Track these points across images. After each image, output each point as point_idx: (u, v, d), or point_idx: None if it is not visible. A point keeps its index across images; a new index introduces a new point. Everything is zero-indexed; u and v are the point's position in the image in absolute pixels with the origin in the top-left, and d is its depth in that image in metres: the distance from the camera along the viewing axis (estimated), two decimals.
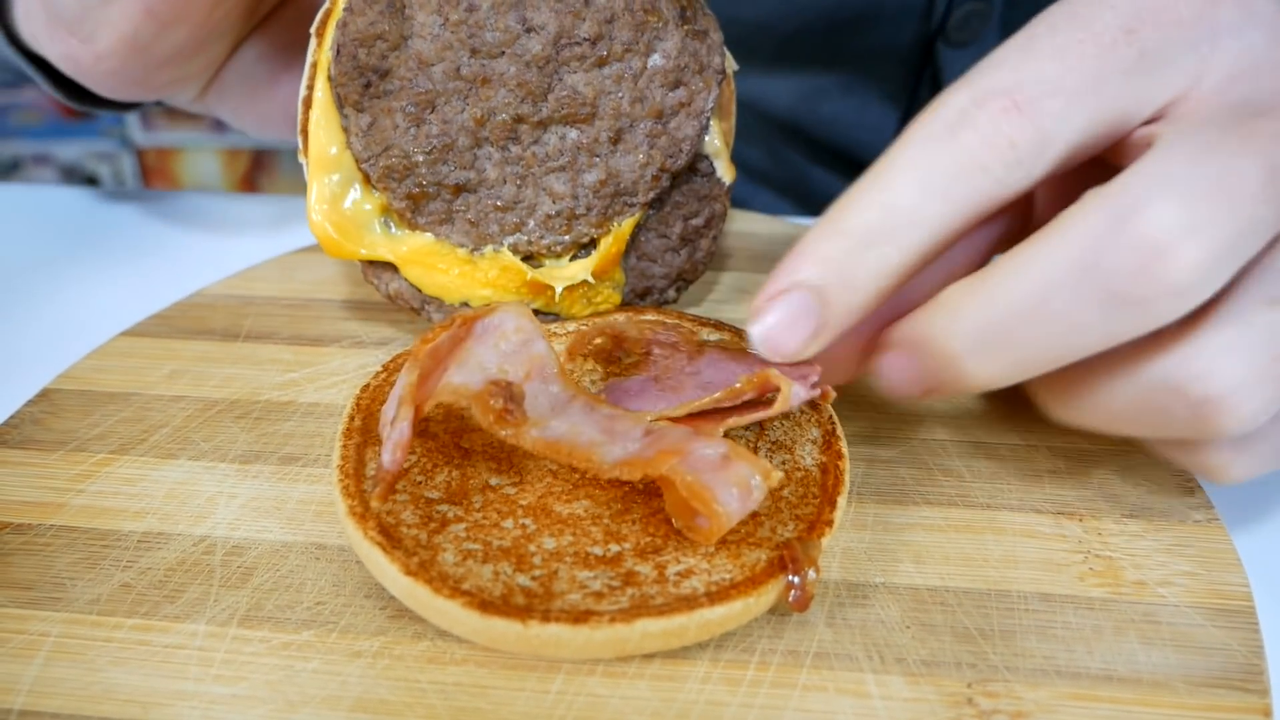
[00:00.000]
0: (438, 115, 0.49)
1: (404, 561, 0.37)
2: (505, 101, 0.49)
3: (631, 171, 0.50)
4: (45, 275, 0.67)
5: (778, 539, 0.39)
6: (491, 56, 0.48)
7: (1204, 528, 0.44)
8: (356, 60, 0.48)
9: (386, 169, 0.49)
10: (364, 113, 0.49)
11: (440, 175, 0.50)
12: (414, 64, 0.48)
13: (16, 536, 0.43)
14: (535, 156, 0.50)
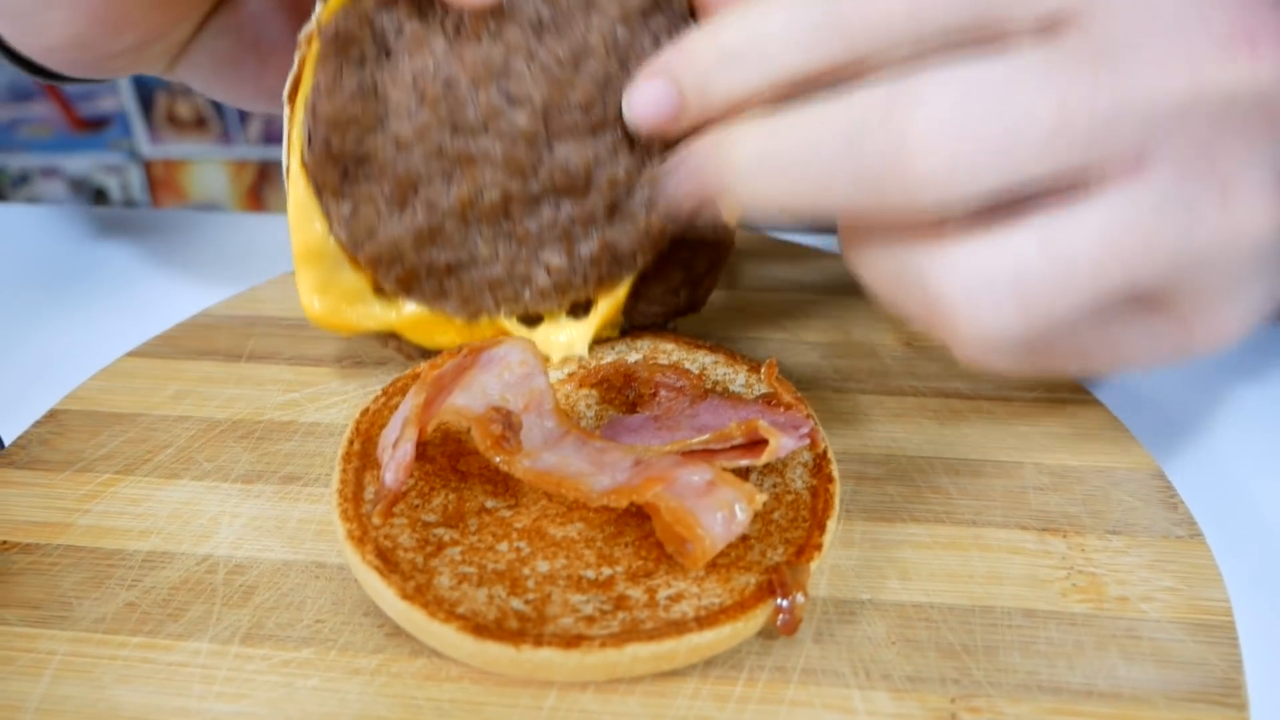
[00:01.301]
0: (422, 198, 0.47)
1: (400, 585, 0.38)
2: (493, 179, 0.47)
3: (630, 240, 0.49)
4: (53, 295, 0.68)
5: (767, 563, 0.40)
6: (474, 134, 0.46)
7: (1186, 543, 0.44)
8: (330, 148, 0.46)
9: (374, 256, 0.48)
10: (344, 199, 0.47)
11: (430, 258, 0.49)
12: (392, 147, 0.46)
13: (24, 556, 0.44)
14: (528, 231, 0.49)
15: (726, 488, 0.38)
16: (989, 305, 0.35)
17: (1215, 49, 0.33)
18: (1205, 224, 0.35)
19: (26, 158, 2.48)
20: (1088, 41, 0.34)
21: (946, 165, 0.34)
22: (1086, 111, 0.33)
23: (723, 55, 0.38)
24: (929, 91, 0.34)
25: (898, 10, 0.35)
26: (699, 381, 0.47)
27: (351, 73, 0.45)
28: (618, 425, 0.45)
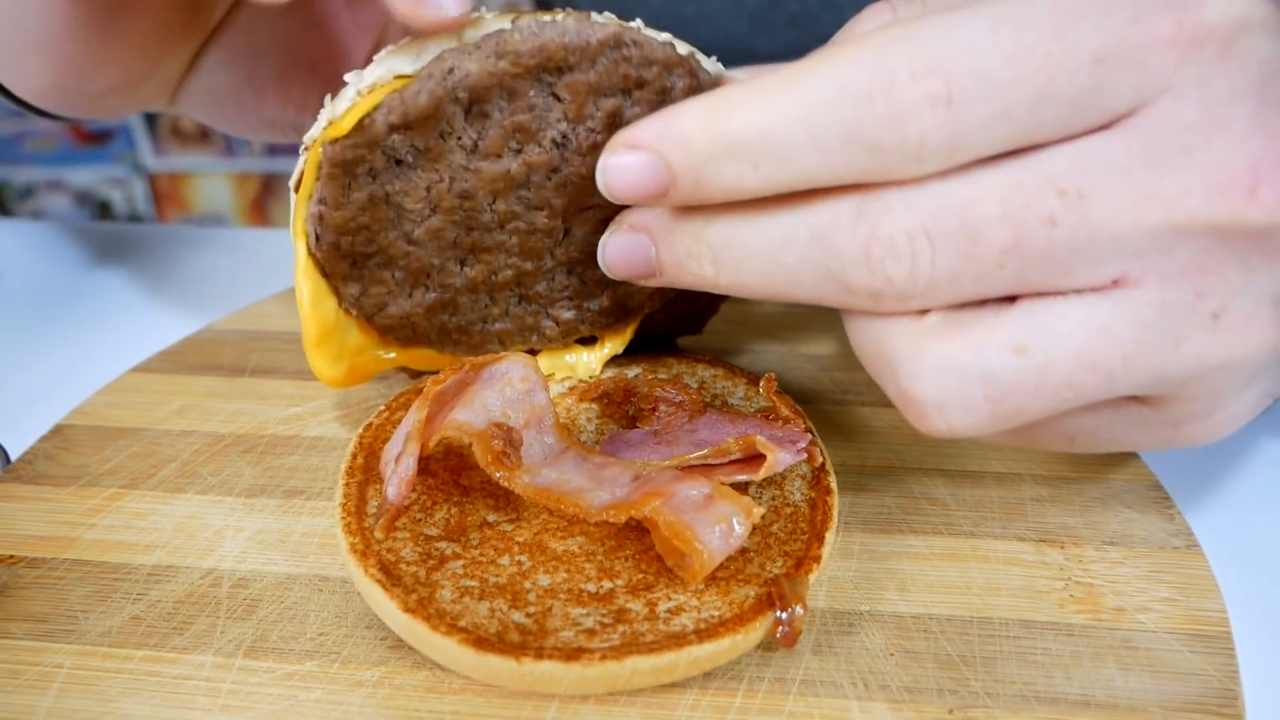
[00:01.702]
0: (434, 281, 0.47)
1: (402, 599, 0.38)
2: (507, 263, 0.47)
3: (640, 293, 0.49)
4: (58, 311, 0.69)
5: (766, 575, 0.40)
6: (490, 230, 0.46)
7: (1183, 554, 0.45)
8: (339, 248, 0.45)
9: (384, 326, 0.48)
10: (354, 282, 0.47)
11: (440, 322, 0.49)
12: (404, 243, 0.45)
13: (31, 570, 0.45)
14: (539, 294, 0.49)
15: (724, 501, 0.38)
16: (958, 403, 0.35)
17: (1208, 186, 0.32)
18: (1192, 344, 0.34)
19: (31, 171, 2.49)
20: (1077, 161, 0.33)
21: (909, 272, 0.34)
22: (1054, 230, 0.33)
23: (729, 147, 0.34)
24: (898, 200, 0.34)
25: (939, 132, 0.32)
26: (698, 396, 0.48)
27: (361, 186, 0.43)
28: (618, 440, 0.45)
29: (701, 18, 0.79)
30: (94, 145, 2.44)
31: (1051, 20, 0.32)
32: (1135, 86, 0.32)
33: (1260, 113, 0.32)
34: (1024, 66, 0.31)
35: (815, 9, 0.77)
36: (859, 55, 0.32)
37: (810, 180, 0.34)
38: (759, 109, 0.33)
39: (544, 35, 0.40)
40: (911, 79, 0.32)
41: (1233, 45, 0.32)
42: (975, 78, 0.31)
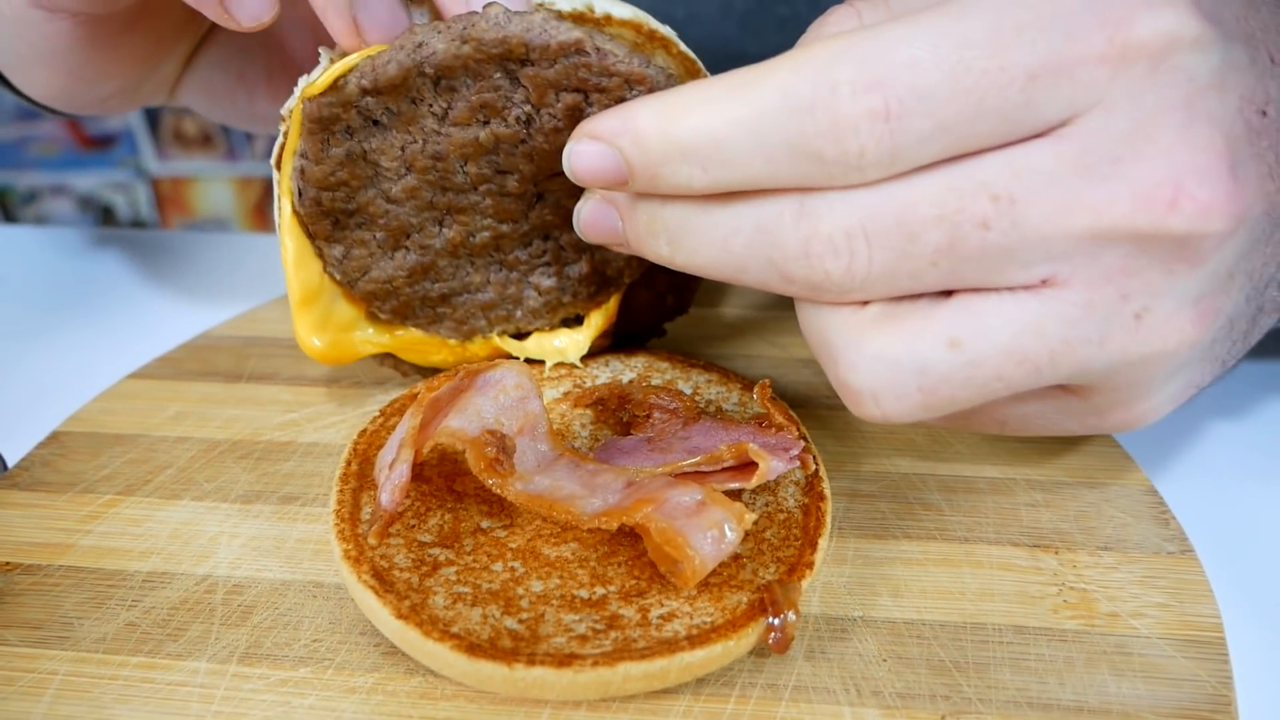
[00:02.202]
0: (414, 242, 0.48)
1: (395, 605, 0.38)
2: (484, 224, 0.48)
3: (618, 260, 0.50)
4: (55, 316, 0.69)
5: (759, 581, 0.40)
6: (464, 191, 0.47)
7: (1177, 559, 0.45)
8: (320, 204, 0.47)
9: (369, 292, 0.50)
10: (336, 244, 0.48)
11: (424, 290, 0.50)
12: (382, 201, 0.47)
13: (26, 577, 0.45)
14: (519, 259, 0.50)
15: (716, 508, 0.38)
16: (892, 392, 0.36)
17: (1133, 197, 0.33)
18: (1115, 342, 0.36)
19: (35, 176, 2.50)
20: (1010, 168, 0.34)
21: (847, 268, 0.35)
22: (987, 233, 0.34)
23: (679, 151, 0.36)
24: (838, 200, 0.35)
25: (878, 145, 0.33)
26: (692, 403, 0.48)
27: (339, 141, 0.45)
28: (612, 447, 0.45)
29: (692, 19, 0.80)
30: (97, 150, 2.45)
31: (990, 38, 0.32)
32: (1068, 99, 0.33)
33: (1188, 126, 0.33)
34: (961, 83, 0.32)
35: (804, 12, 0.77)
36: (804, 67, 0.33)
37: (756, 183, 0.35)
38: (708, 115, 0.35)
39: (508, 28, 0.41)
40: (852, 94, 0.33)
41: (1163, 61, 0.33)
42: (914, 94, 0.32)
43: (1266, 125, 0.35)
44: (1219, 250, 0.35)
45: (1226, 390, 0.58)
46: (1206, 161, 0.33)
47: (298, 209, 0.48)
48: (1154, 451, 0.54)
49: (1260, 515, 0.50)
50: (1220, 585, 0.44)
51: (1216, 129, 0.33)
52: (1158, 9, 0.32)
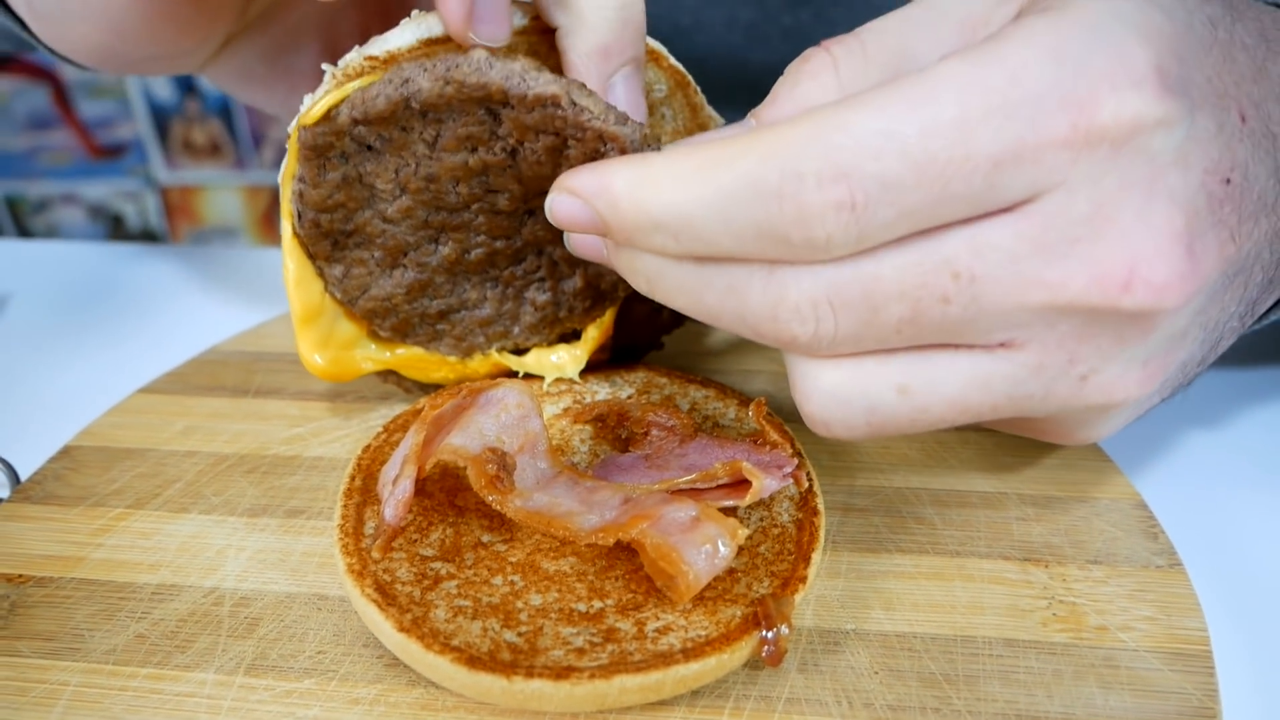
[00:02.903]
0: (411, 260, 0.50)
1: (397, 618, 0.39)
2: (478, 241, 0.49)
3: (612, 274, 0.51)
4: (67, 331, 0.70)
5: (753, 595, 0.41)
6: (457, 210, 0.48)
7: (1165, 573, 0.45)
8: (319, 226, 0.48)
9: (368, 310, 0.51)
10: (336, 264, 0.50)
11: (422, 306, 0.52)
12: (379, 221, 0.48)
13: (39, 589, 0.46)
14: (514, 275, 0.51)
15: (710, 524, 0.39)
16: (842, 424, 0.39)
17: (1089, 277, 0.34)
18: (1057, 398, 0.38)
19: (46, 185, 2.52)
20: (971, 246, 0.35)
21: (813, 333, 0.36)
22: (948, 307, 0.35)
23: (651, 222, 0.36)
24: (806, 272, 0.36)
25: (844, 232, 0.34)
26: (689, 421, 0.49)
27: (334, 166, 0.46)
28: (610, 464, 0.46)
29: (698, 28, 0.81)
30: (107, 159, 2.47)
31: (956, 126, 0.33)
32: (1031, 181, 0.33)
33: (1147, 206, 0.34)
34: (926, 172, 0.33)
35: (808, 23, 0.78)
36: (771, 155, 0.34)
37: (726, 254, 0.36)
38: (679, 193, 0.36)
39: (489, 75, 0.42)
40: (818, 185, 0.33)
41: (1126, 144, 0.33)
42: (879, 185, 0.33)
43: (1230, 191, 0.36)
44: (1171, 320, 0.36)
45: (1220, 405, 0.59)
46: (1163, 242, 0.34)
47: (298, 231, 0.49)
48: (1144, 463, 0.54)
49: (1249, 526, 0.50)
50: (1207, 598, 0.44)
51: (1176, 207, 0.34)
52: (1122, 92, 0.33)
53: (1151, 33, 0.33)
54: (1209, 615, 0.44)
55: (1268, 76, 0.38)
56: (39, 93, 2.37)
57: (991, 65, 0.33)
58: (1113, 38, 0.33)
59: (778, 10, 0.77)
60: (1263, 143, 0.37)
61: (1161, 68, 0.33)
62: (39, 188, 2.52)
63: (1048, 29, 0.33)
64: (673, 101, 0.51)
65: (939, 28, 0.37)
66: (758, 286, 0.36)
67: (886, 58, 0.37)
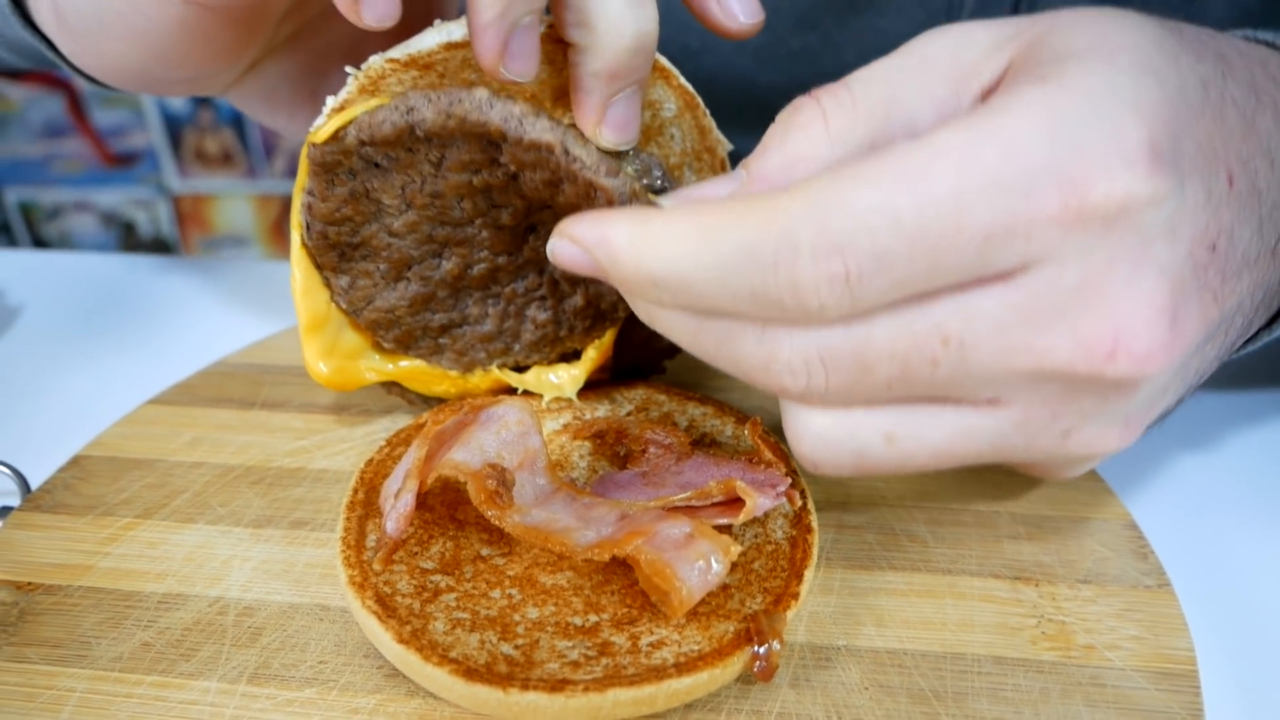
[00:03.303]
0: (415, 273, 0.51)
1: (397, 630, 0.40)
2: (481, 256, 0.51)
3: (612, 293, 0.52)
4: (79, 341, 0.71)
5: (746, 611, 0.42)
6: (461, 225, 0.49)
7: (1154, 593, 0.46)
8: (327, 237, 0.50)
9: (373, 321, 0.52)
10: (343, 274, 0.51)
11: (425, 320, 0.53)
12: (385, 235, 0.50)
13: (48, 597, 0.47)
14: (515, 292, 0.52)
15: (704, 540, 0.40)
16: (830, 464, 0.40)
17: (1075, 346, 0.35)
18: (1039, 448, 0.39)
19: (59, 192, 2.54)
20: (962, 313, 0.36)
21: (805, 386, 0.38)
22: (937, 369, 0.36)
23: (649, 279, 0.37)
24: (799, 331, 0.37)
25: (837, 301, 0.35)
26: (686, 439, 0.49)
27: (343, 181, 0.48)
28: (608, 481, 0.47)
29: (707, 49, 0.82)
30: (120, 167, 2.49)
31: (950, 200, 0.33)
32: (1022, 254, 0.34)
33: (1133, 279, 0.34)
34: (919, 246, 0.34)
35: (815, 46, 0.79)
36: (770, 223, 0.35)
37: (721, 312, 0.37)
38: (677, 255, 0.36)
39: (488, 114, 0.44)
40: (813, 258, 0.34)
41: (1116, 220, 0.34)
42: (873, 258, 0.34)
43: (1214, 257, 0.37)
44: (1153, 384, 0.37)
45: (1213, 427, 0.60)
46: (1148, 314, 0.35)
47: (306, 241, 0.50)
48: (1135, 485, 0.55)
49: (1238, 547, 0.51)
50: (1195, 618, 0.45)
51: (1163, 279, 0.35)
52: (1114, 172, 0.33)
53: (1145, 106, 0.34)
54: (1196, 635, 0.44)
55: (1256, 132, 0.39)
56: (54, 101, 2.40)
57: (987, 139, 0.33)
58: (1107, 113, 0.33)
59: (785, 34, 0.78)
60: (1248, 202, 0.38)
61: (1154, 143, 0.34)
62: (52, 195, 2.55)
63: (1043, 102, 0.34)
64: (681, 121, 0.52)
65: (928, 78, 0.38)
66: (751, 340, 0.37)
67: (876, 109, 0.38)
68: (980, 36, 0.38)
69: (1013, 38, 0.37)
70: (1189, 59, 0.37)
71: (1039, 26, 0.37)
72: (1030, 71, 0.35)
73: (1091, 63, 0.34)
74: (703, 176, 0.54)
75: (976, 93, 0.38)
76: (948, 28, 0.39)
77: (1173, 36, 0.37)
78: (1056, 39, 0.36)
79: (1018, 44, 0.37)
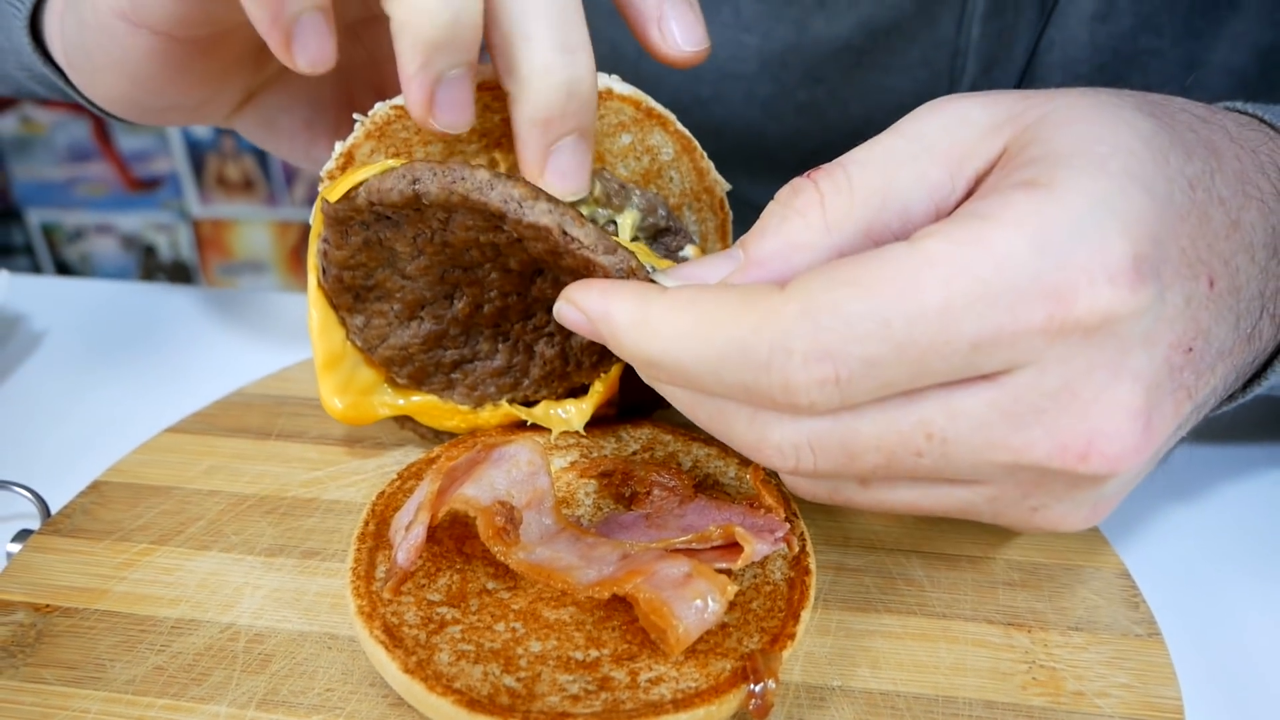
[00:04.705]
0: (428, 312, 0.53)
1: (403, 660, 0.41)
2: (492, 295, 0.52)
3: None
4: (101, 367, 0.73)
5: (743, 650, 0.43)
6: (474, 267, 0.51)
7: (1144, 641, 0.47)
8: (342, 281, 0.52)
9: (386, 358, 0.54)
10: (358, 314, 0.53)
11: (437, 357, 0.55)
12: (399, 278, 0.52)
13: (65, 619, 0.48)
14: (525, 329, 0.54)
15: (701, 580, 0.41)
16: (808, 495, 0.43)
17: (1051, 445, 0.36)
18: (1007, 519, 0.41)
19: (82, 215, 2.58)
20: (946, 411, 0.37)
21: (793, 466, 0.39)
22: (920, 459, 0.38)
23: (648, 361, 0.39)
24: (789, 419, 0.39)
25: (826, 400, 0.36)
26: (690, 482, 0.51)
27: (357, 232, 0.50)
28: (612, 523, 0.49)
29: (717, 99, 0.83)
30: (142, 192, 2.53)
31: (939, 312, 0.35)
32: (1006, 359, 0.35)
33: (1110, 385, 0.36)
34: (908, 353, 0.35)
35: (822, 100, 0.81)
36: (764, 326, 0.36)
37: (716, 397, 0.40)
38: (674, 342, 0.38)
39: (489, 195, 0.45)
40: (804, 363, 0.36)
41: (1097, 331, 0.35)
42: (863, 363, 0.35)
43: (1190, 358, 0.38)
44: (1123, 478, 0.38)
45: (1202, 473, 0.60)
46: (1122, 420, 0.36)
47: (322, 283, 0.52)
48: (1130, 533, 0.56)
49: (1229, 597, 0.52)
50: (1185, 667, 0.46)
51: (1138, 384, 0.36)
52: (1098, 287, 0.34)
53: (1132, 219, 0.35)
54: (1185, 684, 0.45)
55: (1240, 228, 0.40)
56: (80, 125, 2.44)
57: (977, 252, 0.35)
58: (1093, 229, 0.35)
59: (793, 87, 0.80)
60: (1226, 300, 0.39)
61: (1138, 257, 0.35)
62: (75, 217, 2.59)
63: (1033, 214, 0.35)
64: (680, 164, 0.54)
65: (924, 162, 0.39)
66: (743, 421, 0.39)
67: (872, 197, 0.39)
68: (977, 117, 0.39)
69: (1008, 122, 0.39)
70: (1178, 158, 0.38)
71: (1033, 112, 0.38)
72: (1022, 172, 0.36)
73: (1082, 170, 0.35)
74: (702, 217, 0.56)
75: (971, 177, 0.39)
76: (945, 104, 0.40)
77: (1164, 132, 0.38)
78: (1050, 134, 0.37)
79: (1013, 129, 0.38)
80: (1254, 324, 0.42)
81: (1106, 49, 0.73)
